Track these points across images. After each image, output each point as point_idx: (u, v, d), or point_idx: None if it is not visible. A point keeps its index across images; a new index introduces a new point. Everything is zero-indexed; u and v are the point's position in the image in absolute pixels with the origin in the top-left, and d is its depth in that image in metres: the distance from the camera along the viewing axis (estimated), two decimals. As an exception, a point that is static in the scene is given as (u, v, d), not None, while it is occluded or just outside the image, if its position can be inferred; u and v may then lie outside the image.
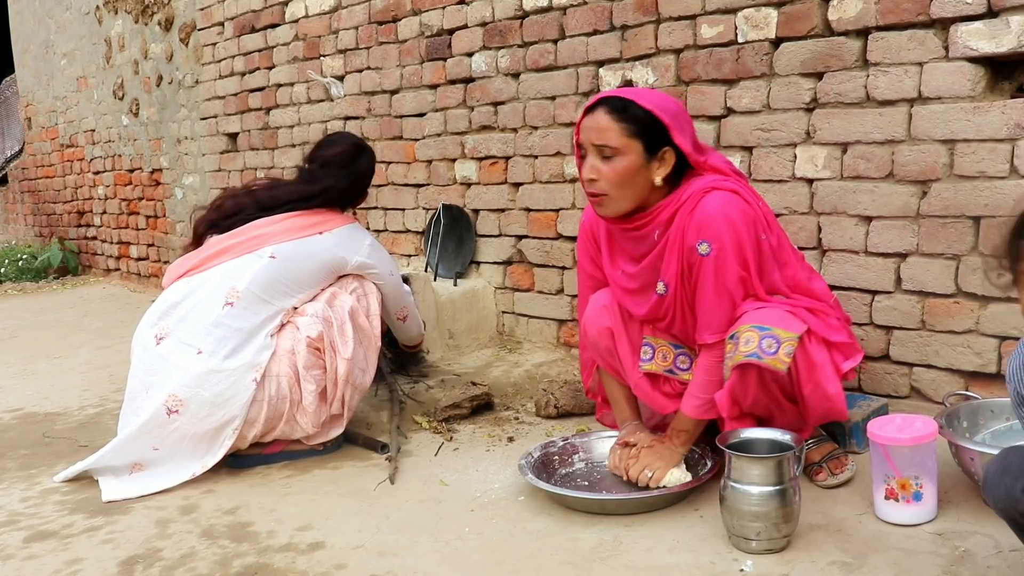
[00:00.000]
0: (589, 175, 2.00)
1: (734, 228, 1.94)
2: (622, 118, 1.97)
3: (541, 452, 2.24)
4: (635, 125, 1.97)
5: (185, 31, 5.38)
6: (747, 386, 1.95)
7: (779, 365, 1.89)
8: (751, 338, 1.90)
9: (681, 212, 1.99)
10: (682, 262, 2.01)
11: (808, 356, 1.95)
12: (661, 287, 2.08)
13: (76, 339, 4.61)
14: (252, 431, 2.36)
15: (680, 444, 2.09)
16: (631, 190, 2.00)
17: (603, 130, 1.97)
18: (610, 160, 1.98)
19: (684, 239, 1.99)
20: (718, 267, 1.95)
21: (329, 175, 2.60)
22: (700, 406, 2.05)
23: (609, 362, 2.29)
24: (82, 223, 7.21)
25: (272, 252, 2.45)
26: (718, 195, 1.96)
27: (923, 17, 2.27)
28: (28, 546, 2.03)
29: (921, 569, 1.65)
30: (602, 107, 1.99)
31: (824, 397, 1.96)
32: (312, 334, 2.39)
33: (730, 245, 1.94)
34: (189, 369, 2.31)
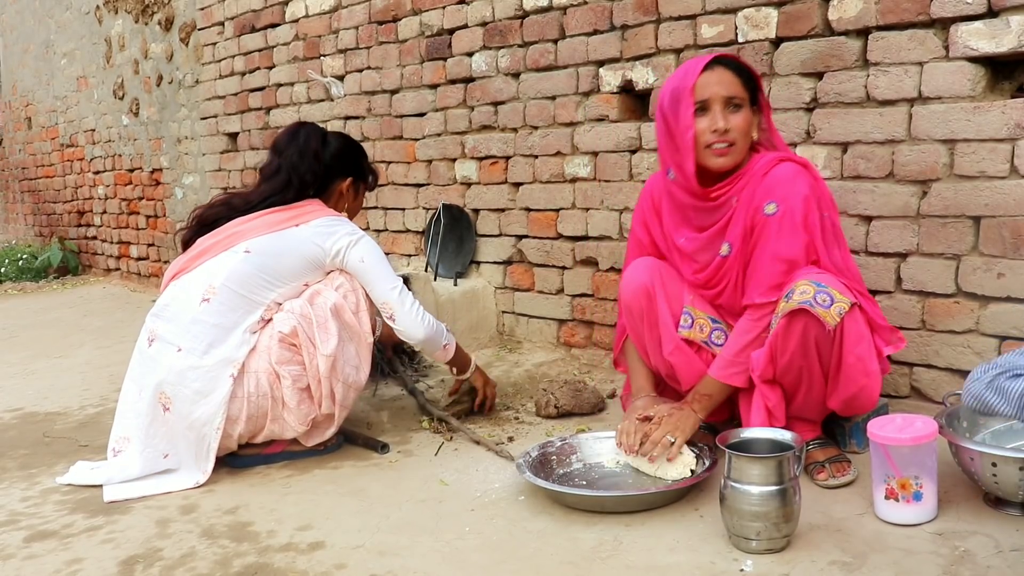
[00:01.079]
0: (722, 125, 2.06)
1: (802, 194, 2.03)
2: (739, 72, 2.11)
3: (539, 452, 2.24)
4: (747, 79, 2.12)
5: (185, 31, 5.38)
6: (789, 339, 1.97)
7: (829, 319, 1.92)
8: (807, 290, 1.95)
9: (752, 179, 2.10)
10: (747, 222, 2.10)
11: (858, 325, 1.98)
12: (725, 248, 2.15)
13: (76, 339, 4.61)
14: (236, 429, 2.35)
15: (700, 409, 2.12)
16: (747, 141, 2.12)
17: (730, 83, 2.08)
18: (737, 111, 2.08)
19: (752, 200, 2.08)
20: (781, 227, 2.03)
21: (283, 159, 2.58)
22: (727, 367, 2.10)
23: (638, 328, 2.29)
24: (82, 223, 7.21)
25: (247, 247, 2.44)
26: (789, 165, 2.09)
27: (923, 17, 2.27)
28: (28, 546, 2.03)
29: (921, 569, 1.65)
30: (719, 64, 2.09)
31: (864, 372, 1.99)
32: (284, 329, 2.38)
33: (797, 208, 2.02)
34: (172, 366, 2.33)
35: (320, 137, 2.63)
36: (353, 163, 2.69)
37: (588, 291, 3.27)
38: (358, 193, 2.73)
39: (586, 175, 3.21)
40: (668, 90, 2.12)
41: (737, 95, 2.08)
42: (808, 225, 2.03)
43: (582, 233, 3.25)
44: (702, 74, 2.08)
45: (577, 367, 3.22)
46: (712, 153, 2.09)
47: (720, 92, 2.07)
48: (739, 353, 2.08)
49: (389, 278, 2.54)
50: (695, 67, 2.09)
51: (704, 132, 2.07)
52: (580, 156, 3.22)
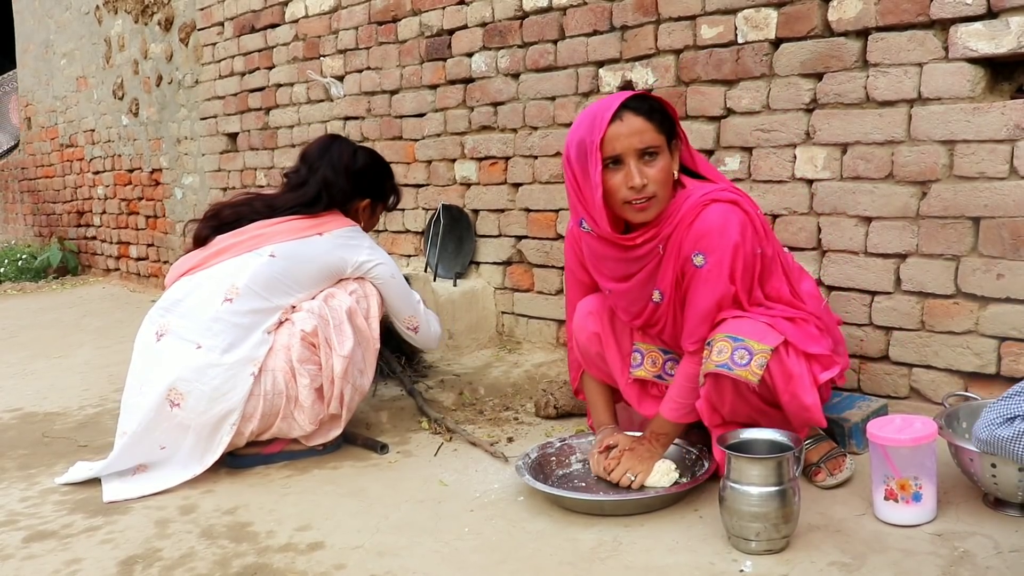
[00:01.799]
0: (639, 181, 1.91)
1: (731, 243, 1.93)
2: (650, 116, 1.94)
3: (539, 453, 2.24)
4: (659, 120, 1.95)
5: (185, 31, 5.38)
6: (723, 395, 1.95)
7: (751, 377, 1.88)
8: (724, 348, 1.91)
9: (680, 225, 1.97)
10: (677, 271, 2.01)
11: (784, 367, 1.93)
12: (657, 295, 2.08)
13: (75, 339, 4.61)
14: (249, 426, 2.37)
15: (660, 446, 2.10)
16: (668, 187, 1.98)
17: (643, 132, 1.92)
18: (654, 159, 1.94)
19: (681, 250, 1.98)
20: (709, 280, 1.95)
21: (313, 171, 2.60)
22: (678, 409, 2.06)
23: (598, 365, 2.30)
24: (82, 223, 7.21)
25: (272, 251, 2.46)
26: (719, 207, 1.95)
27: (923, 18, 2.27)
28: (27, 546, 2.03)
29: (920, 570, 1.65)
30: (628, 111, 1.92)
31: (801, 408, 1.95)
32: (306, 328, 2.40)
33: (725, 259, 1.93)
34: (188, 363, 2.33)
35: (351, 154, 2.66)
36: (376, 184, 2.74)
37: (587, 292, 3.27)
38: (374, 213, 2.78)
39: (586, 176, 3.20)
40: (574, 143, 1.97)
41: (652, 144, 1.92)
42: (733, 275, 1.95)
43: (582, 234, 3.25)
44: (611, 125, 1.91)
45: (576, 368, 3.22)
46: (632, 209, 1.96)
47: (633, 144, 1.91)
48: (686, 395, 2.04)
49: (413, 294, 2.71)
50: (602, 117, 1.91)
51: (620, 188, 1.93)
52: (580, 157, 3.21)
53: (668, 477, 2.06)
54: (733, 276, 1.95)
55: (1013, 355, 2.21)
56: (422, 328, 2.74)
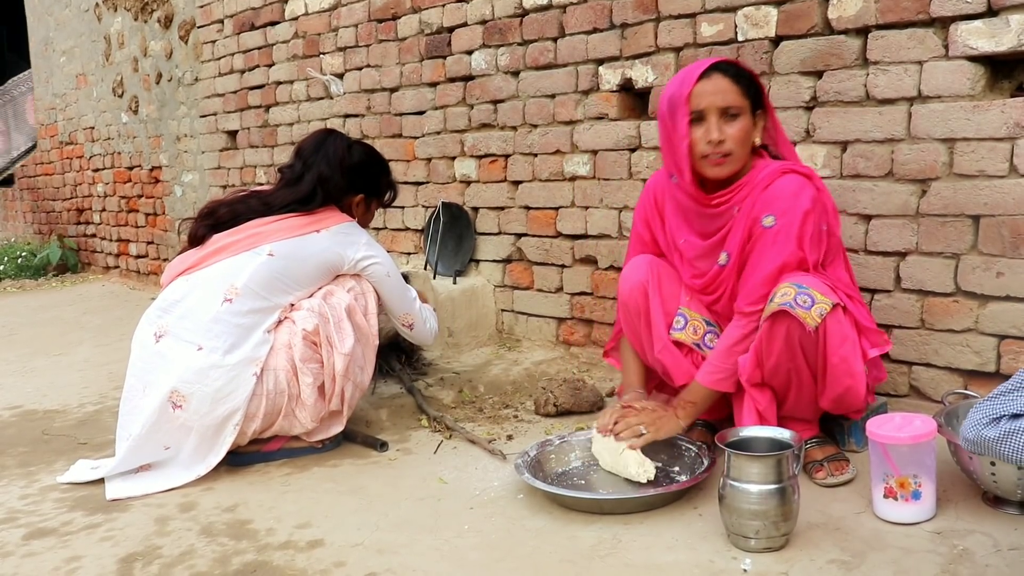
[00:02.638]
0: (716, 136, 2.03)
1: (801, 208, 2.00)
2: (738, 80, 2.06)
3: (538, 451, 2.24)
4: (746, 86, 2.07)
5: (184, 28, 5.37)
6: (774, 341, 1.97)
7: (809, 320, 1.91)
8: (788, 292, 1.95)
9: (755, 189, 2.07)
10: (746, 233, 2.08)
11: (841, 326, 1.97)
12: (724, 257, 2.14)
13: (75, 336, 4.61)
14: (252, 426, 2.37)
15: (684, 416, 2.11)
16: (745, 149, 2.08)
17: (726, 92, 2.04)
18: (734, 120, 2.05)
19: (753, 211, 2.06)
20: (776, 241, 2.01)
21: (308, 167, 2.59)
22: (715, 373, 2.09)
23: (634, 325, 2.29)
24: (81, 220, 7.21)
25: (271, 250, 2.46)
26: (793, 177, 2.05)
27: (923, 16, 2.27)
28: (27, 543, 2.03)
29: (920, 568, 1.65)
30: (716, 71, 2.05)
31: (848, 373, 1.97)
32: (308, 327, 2.40)
33: (794, 223, 2.00)
34: (190, 365, 2.32)
35: (346, 148, 2.66)
36: (370, 180, 2.73)
37: (587, 289, 3.27)
38: (369, 208, 2.77)
39: (585, 173, 3.21)
40: (666, 97, 2.10)
41: (734, 104, 2.04)
42: (802, 240, 2.01)
43: (581, 231, 3.25)
44: (698, 82, 2.04)
45: (576, 365, 3.22)
46: (708, 163, 2.07)
47: (715, 102, 2.04)
48: (726, 358, 2.08)
49: (409, 290, 2.71)
50: (691, 75, 2.06)
51: (700, 142, 2.05)
52: (579, 154, 3.22)
53: (643, 469, 2.04)
54: (801, 241, 2.01)
55: (1013, 353, 2.21)
56: (417, 325, 2.74)
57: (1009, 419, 1.45)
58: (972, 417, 1.50)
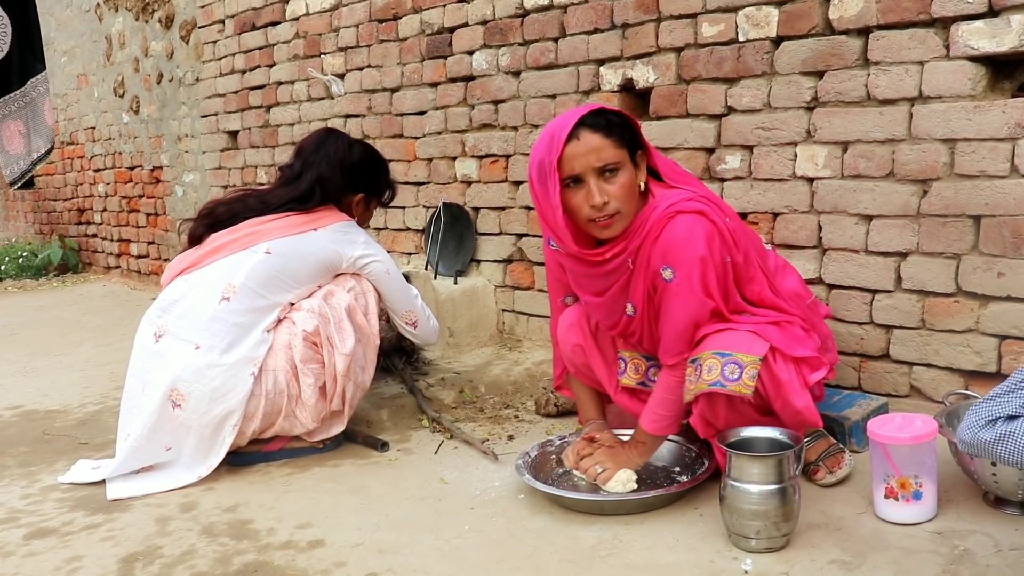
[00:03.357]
0: (599, 200, 1.90)
1: (698, 255, 1.90)
2: (608, 131, 1.92)
3: (539, 451, 2.24)
4: (619, 134, 1.93)
5: (185, 28, 5.38)
6: (717, 411, 1.96)
7: (744, 391, 1.88)
8: (713, 366, 1.90)
9: (647, 239, 1.95)
10: (648, 284, 2.00)
11: (773, 374, 1.94)
12: (630, 309, 2.08)
13: (76, 336, 4.61)
14: (251, 426, 2.37)
15: (639, 455, 2.11)
16: (633, 202, 1.96)
17: (600, 149, 1.90)
18: (615, 175, 1.92)
19: (650, 264, 1.96)
20: (680, 293, 1.93)
21: (307, 166, 2.59)
22: (658, 421, 2.06)
23: (585, 373, 2.31)
24: (82, 220, 7.21)
25: (268, 248, 2.46)
26: (683, 219, 1.92)
27: (924, 16, 2.27)
28: (28, 543, 2.03)
29: (920, 568, 1.65)
30: (584, 128, 1.90)
31: (794, 412, 1.96)
32: (308, 328, 2.40)
33: (694, 272, 1.90)
34: (188, 364, 2.33)
35: (347, 148, 2.65)
36: (370, 179, 2.73)
37: (588, 290, 3.27)
38: (368, 207, 2.77)
39: (586, 174, 3.20)
40: (535, 162, 1.96)
41: (611, 160, 1.90)
42: (706, 287, 1.92)
43: (582, 232, 3.25)
44: (567, 144, 1.89)
45: (577, 366, 3.22)
46: (597, 227, 1.96)
47: (591, 163, 1.90)
48: (664, 406, 2.04)
49: (410, 288, 2.70)
50: (559, 137, 1.90)
51: (582, 207, 1.93)
52: (580, 155, 3.21)
53: (627, 487, 2.05)
54: (707, 289, 1.92)
55: (1014, 353, 2.21)
56: (421, 323, 2.73)
57: (1005, 421, 1.45)
58: (968, 419, 1.50)
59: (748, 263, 2.03)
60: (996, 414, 1.46)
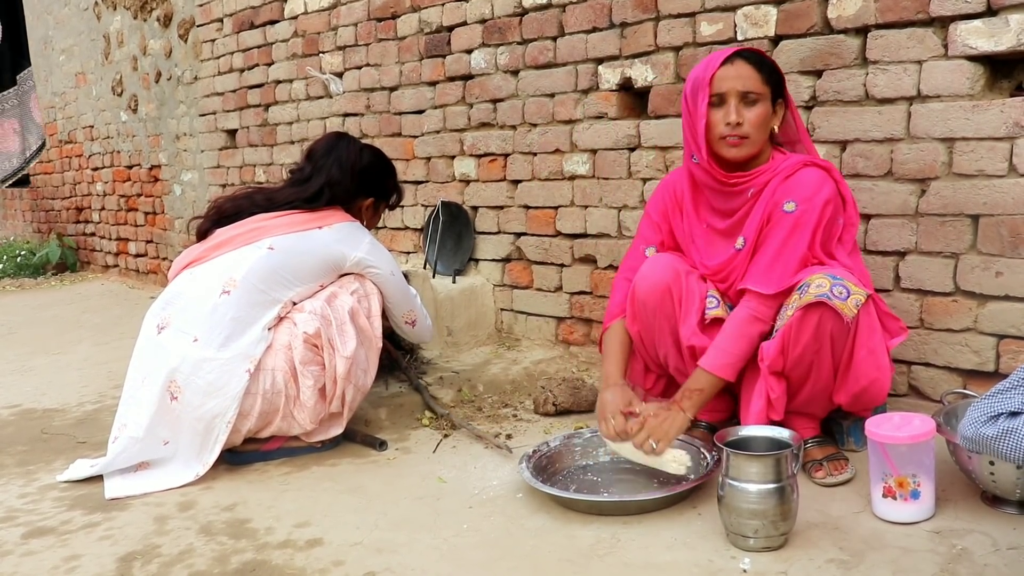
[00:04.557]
0: (735, 118, 2.08)
1: (823, 198, 2.06)
2: (760, 67, 2.12)
3: (538, 450, 2.23)
4: (768, 74, 2.13)
5: (184, 27, 5.37)
6: (803, 331, 1.97)
7: (847, 310, 1.94)
8: (823, 283, 1.96)
9: (777, 177, 2.12)
10: (764, 217, 2.12)
11: (871, 318, 2.01)
12: (740, 241, 2.17)
13: (74, 335, 4.61)
14: (246, 424, 2.37)
15: (690, 407, 2.05)
16: (763, 134, 2.14)
17: (747, 78, 2.10)
18: (753, 105, 2.10)
19: (773, 197, 2.11)
20: (796, 225, 2.06)
21: (317, 169, 2.61)
22: (719, 358, 2.06)
23: (649, 321, 2.23)
24: (80, 219, 7.20)
25: (271, 244, 2.46)
26: (815, 170, 2.11)
27: (922, 15, 2.27)
28: (26, 542, 2.03)
29: (919, 567, 1.65)
30: (740, 58, 2.11)
31: (876, 366, 2.01)
32: (309, 330, 2.40)
33: (815, 211, 2.05)
34: (186, 356, 2.33)
35: (357, 152, 2.67)
36: (379, 184, 2.74)
37: (587, 289, 3.27)
38: (376, 211, 2.78)
39: (585, 173, 3.21)
40: (690, 80, 2.17)
41: (754, 90, 2.10)
42: (823, 228, 2.07)
43: (581, 231, 3.25)
44: (721, 67, 2.10)
45: (575, 365, 3.22)
46: (726, 144, 2.12)
47: (736, 86, 2.09)
48: (735, 345, 2.07)
49: (410, 289, 2.73)
50: (716, 60, 2.12)
51: (718, 124, 2.11)
52: (579, 154, 3.22)
53: (676, 465, 2.00)
54: (823, 227, 2.07)
55: (1012, 353, 2.21)
56: (419, 322, 2.76)
57: (1007, 417, 1.45)
58: (970, 415, 1.51)
59: (849, 231, 2.16)
60: (998, 410, 1.46)
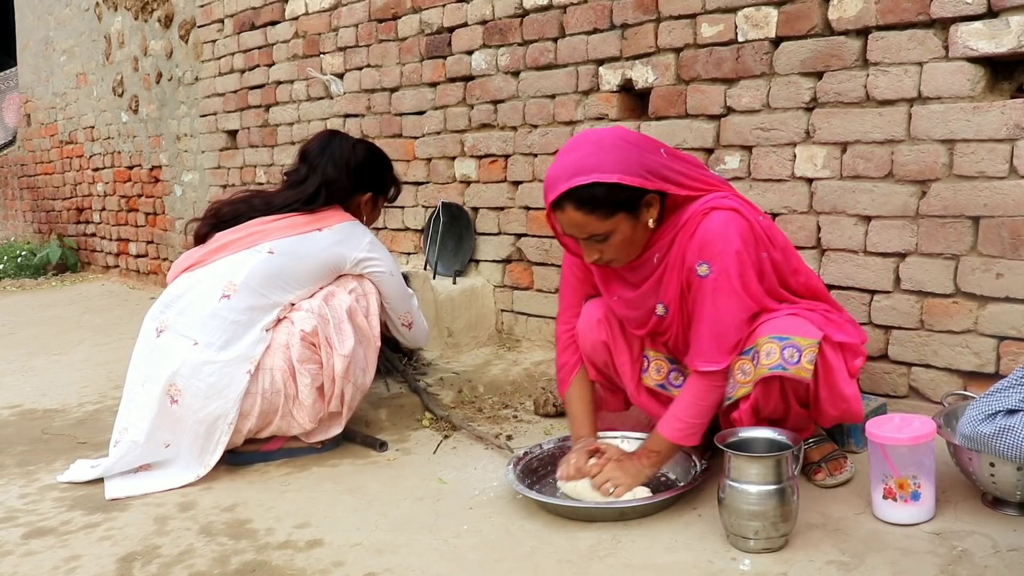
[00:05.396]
0: (592, 257, 1.95)
1: (733, 250, 1.88)
2: (593, 208, 1.85)
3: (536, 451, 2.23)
4: (609, 206, 1.86)
5: (185, 28, 5.37)
6: (770, 398, 1.94)
7: (803, 374, 1.88)
8: (772, 350, 1.88)
9: (681, 235, 1.94)
10: (681, 283, 1.97)
11: (825, 360, 1.93)
12: (661, 309, 2.05)
13: (75, 336, 4.61)
14: (246, 424, 2.37)
15: (650, 465, 2.01)
16: (635, 246, 1.96)
17: (583, 225, 1.88)
18: (605, 240, 1.91)
19: (684, 260, 1.94)
20: (717, 290, 1.90)
21: (313, 169, 2.60)
22: (681, 429, 1.97)
23: (605, 374, 2.26)
24: (81, 220, 7.20)
25: (271, 248, 2.46)
26: (719, 215, 1.90)
27: (923, 17, 2.27)
28: (26, 543, 2.03)
29: (919, 568, 1.65)
30: (568, 203, 1.86)
31: (841, 399, 1.96)
32: (306, 328, 2.40)
33: (732, 267, 1.88)
34: (186, 359, 2.34)
35: (351, 148, 2.66)
36: (376, 178, 2.73)
37: (587, 290, 3.27)
38: (376, 206, 2.77)
39: (585, 174, 3.20)
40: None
41: (597, 232, 1.88)
42: (744, 283, 1.90)
43: (581, 232, 3.25)
44: (553, 212, 1.91)
45: (576, 366, 3.22)
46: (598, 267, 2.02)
47: (577, 233, 1.91)
48: (692, 413, 1.97)
49: (408, 290, 2.72)
50: (548, 198, 1.89)
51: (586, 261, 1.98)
52: (579, 155, 3.21)
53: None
54: (745, 285, 1.90)
55: (1012, 354, 2.21)
56: (416, 324, 2.75)
57: (1005, 415, 1.45)
58: (969, 413, 1.51)
59: (788, 257, 2.04)
60: (996, 408, 1.46)
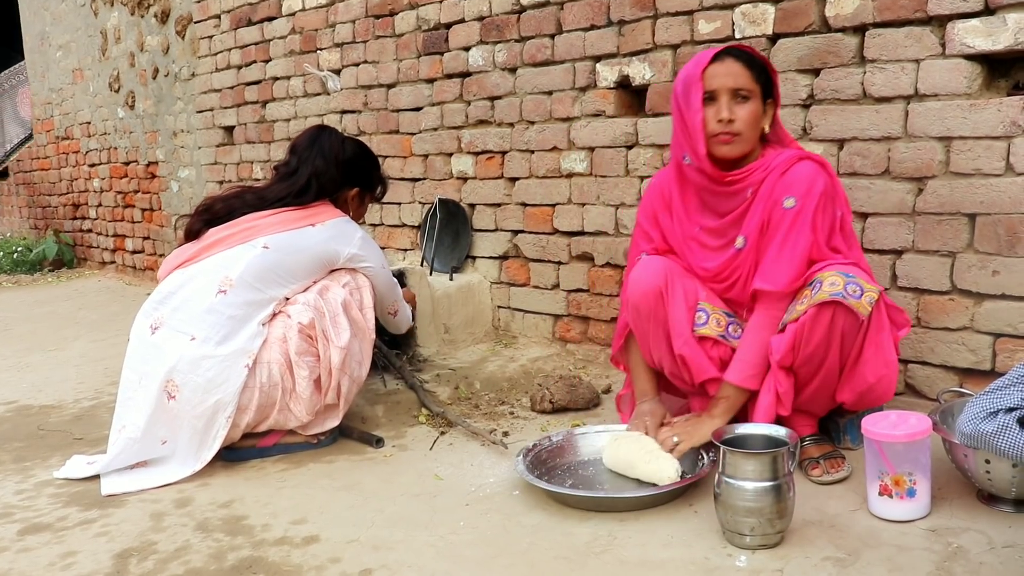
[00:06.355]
0: (727, 115, 2.08)
1: (821, 192, 2.06)
2: (750, 65, 2.11)
3: (535, 447, 2.24)
4: (759, 72, 2.12)
5: (181, 23, 5.36)
6: (816, 329, 1.97)
7: (861, 309, 1.95)
8: (836, 281, 1.97)
9: (772, 174, 2.11)
10: (764, 216, 2.11)
11: (881, 316, 2.01)
12: (740, 241, 2.16)
13: (71, 332, 4.60)
14: (244, 418, 2.37)
15: (720, 414, 2.11)
16: (754, 132, 2.13)
17: (738, 75, 2.09)
18: (744, 102, 2.10)
19: (772, 195, 2.10)
20: (798, 220, 2.06)
21: (303, 162, 2.62)
22: (744, 370, 2.09)
23: (643, 327, 2.26)
24: (77, 216, 7.19)
25: (265, 243, 2.47)
26: (810, 164, 2.10)
27: (920, 14, 2.27)
28: (22, 539, 2.03)
29: (914, 565, 1.65)
30: (729, 56, 2.11)
31: (884, 363, 2.01)
32: (303, 320, 2.41)
33: (815, 205, 2.05)
34: (184, 355, 2.34)
35: (340, 143, 2.69)
36: (364, 174, 2.76)
37: (584, 286, 3.27)
38: (363, 202, 2.80)
39: (582, 170, 3.21)
40: (681, 78, 2.16)
41: (744, 87, 2.09)
42: (825, 222, 2.07)
43: (578, 228, 3.25)
44: (711, 64, 2.10)
45: (572, 362, 3.22)
46: (718, 142, 2.11)
47: (727, 83, 2.09)
48: (758, 355, 2.08)
49: (393, 279, 2.79)
50: (705, 57, 2.12)
51: (710, 121, 2.10)
52: (576, 151, 3.22)
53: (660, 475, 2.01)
54: (824, 221, 2.07)
55: (1008, 351, 2.22)
56: (400, 311, 2.85)
57: (1005, 413, 1.45)
58: (969, 411, 1.51)
59: (850, 227, 2.17)
60: (997, 406, 1.46)
